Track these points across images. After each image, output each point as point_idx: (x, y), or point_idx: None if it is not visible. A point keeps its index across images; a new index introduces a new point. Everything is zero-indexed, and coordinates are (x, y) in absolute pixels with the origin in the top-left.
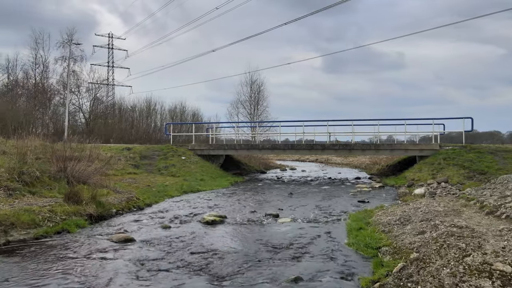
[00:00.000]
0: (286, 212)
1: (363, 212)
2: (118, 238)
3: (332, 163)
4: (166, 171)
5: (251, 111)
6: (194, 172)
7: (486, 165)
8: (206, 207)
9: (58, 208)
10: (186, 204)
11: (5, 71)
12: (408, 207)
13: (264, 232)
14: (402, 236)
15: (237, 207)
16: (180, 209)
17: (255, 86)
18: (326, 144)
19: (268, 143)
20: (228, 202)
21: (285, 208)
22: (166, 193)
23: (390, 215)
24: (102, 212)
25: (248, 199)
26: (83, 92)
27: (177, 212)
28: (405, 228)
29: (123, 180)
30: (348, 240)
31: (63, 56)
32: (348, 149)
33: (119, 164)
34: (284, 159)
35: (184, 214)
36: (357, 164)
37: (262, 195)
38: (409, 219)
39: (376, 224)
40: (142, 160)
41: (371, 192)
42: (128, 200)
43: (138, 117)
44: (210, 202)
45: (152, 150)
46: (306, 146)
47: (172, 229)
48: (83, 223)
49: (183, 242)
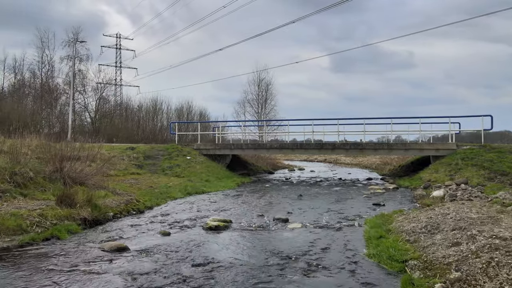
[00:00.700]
0: (295, 216)
1: (380, 216)
2: (110, 247)
3: (341, 163)
4: (171, 171)
5: (259, 110)
6: (200, 173)
7: (508, 166)
8: (210, 210)
9: (49, 211)
10: (190, 206)
11: (12, 71)
12: (434, 212)
13: (272, 240)
14: (432, 248)
15: (243, 210)
16: (183, 212)
17: (263, 84)
18: (337, 143)
19: (276, 143)
20: (234, 205)
21: (295, 212)
22: (169, 195)
23: (413, 221)
24: (98, 216)
25: (255, 202)
26: (89, 91)
27: (179, 215)
28: (434, 237)
29: (125, 181)
30: (368, 250)
31: (68, 55)
32: (359, 149)
33: (121, 164)
34: (292, 159)
35: (186, 218)
36: (367, 165)
37: (270, 197)
38: (438, 227)
39: (399, 232)
40: (146, 160)
41: (385, 194)
42: (127, 202)
43: (144, 117)
44: (215, 205)
45: (157, 150)
46: (315, 146)
47: (172, 236)
48: (75, 228)
49: (182, 251)
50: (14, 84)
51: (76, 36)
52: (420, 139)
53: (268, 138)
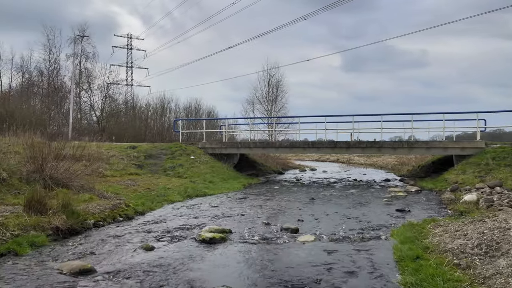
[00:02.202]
0: (307, 224)
1: (410, 227)
2: (70, 269)
3: (355, 163)
4: (172, 171)
5: (269, 108)
6: (204, 173)
7: None
8: (209, 216)
9: (12, 220)
10: (187, 211)
11: (20, 70)
12: (486, 225)
13: (278, 259)
14: (499, 280)
15: (247, 216)
16: (178, 218)
17: (273, 80)
18: (352, 142)
19: (286, 141)
20: (237, 210)
21: (306, 219)
22: (166, 198)
23: (458, 236)
24: (74, 224)
25: (262, 206)
26: (94, 89)
27: (172, 223)
28: (496, 263)
29: (121, 182)
30: (403, 277)
31: (75, 53)
32: (376, 147)
33: (119, 164)
34: (303, 159)
35: (179, 226)
36: (382, 165)
37: (279, 201)
38: (498, 247)
39: (441, 251)
40: (147, 160)
41: (408, 198)
42: (114, 207)
43: (152, 116)
44: (216, 210)
45: (159, 149)
46: (328, 144)
47: (155, 251)
48: (42, 240)
49: (162, 274)
50: (22, 83)
51: (82, 33)
52: (431, 139)
53: (278, 137)
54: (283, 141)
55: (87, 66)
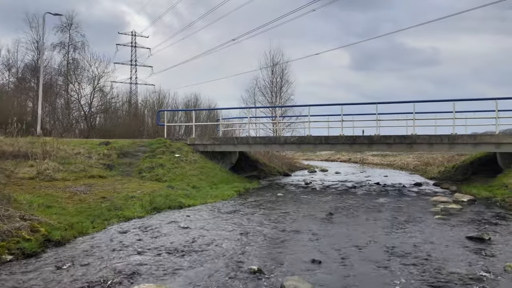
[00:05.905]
0: (328, 271)
1: None
2: None
3: (369, 163)
4: (150, 173)
5: (272, 100)
6: (189, 176)
7: None
8: (162, 252)
9: None
10: (134, 239)
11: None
12: None
13: None
14: None
15: (226, 251)
16: (108, 256)
17: (277, 69)
18: (375, 136)
19: (293, 137)
20: (215, 236)
21: (326, 258)
22: (120, 213)
23: None
24: None
25: (254, 228)
26: (83, 83)
27: (91, 269)
28: None
29: (72, 188)
30: None
31: (61, 42)
32: (406, 143)
33: (80, 164)
34: (312, 158)
35: (95, 279)
36: (401, 165)
37: (281, 217)
38: None
39: None
40: (120, 159)
41: (466, 212)
42: (4, 236)
43: (147, 112)
44: (181, 237)
45: (138, 146)
46: (346, 140)
47: None
48: None
49: None
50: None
51: (70, 21)
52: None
53: (284, 133)
54: (290, 137)
55: (75, 57)
